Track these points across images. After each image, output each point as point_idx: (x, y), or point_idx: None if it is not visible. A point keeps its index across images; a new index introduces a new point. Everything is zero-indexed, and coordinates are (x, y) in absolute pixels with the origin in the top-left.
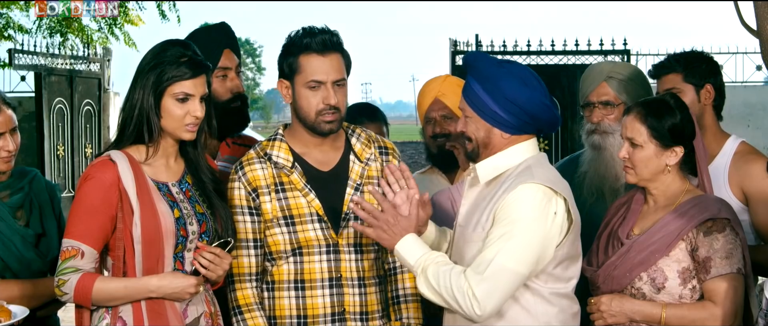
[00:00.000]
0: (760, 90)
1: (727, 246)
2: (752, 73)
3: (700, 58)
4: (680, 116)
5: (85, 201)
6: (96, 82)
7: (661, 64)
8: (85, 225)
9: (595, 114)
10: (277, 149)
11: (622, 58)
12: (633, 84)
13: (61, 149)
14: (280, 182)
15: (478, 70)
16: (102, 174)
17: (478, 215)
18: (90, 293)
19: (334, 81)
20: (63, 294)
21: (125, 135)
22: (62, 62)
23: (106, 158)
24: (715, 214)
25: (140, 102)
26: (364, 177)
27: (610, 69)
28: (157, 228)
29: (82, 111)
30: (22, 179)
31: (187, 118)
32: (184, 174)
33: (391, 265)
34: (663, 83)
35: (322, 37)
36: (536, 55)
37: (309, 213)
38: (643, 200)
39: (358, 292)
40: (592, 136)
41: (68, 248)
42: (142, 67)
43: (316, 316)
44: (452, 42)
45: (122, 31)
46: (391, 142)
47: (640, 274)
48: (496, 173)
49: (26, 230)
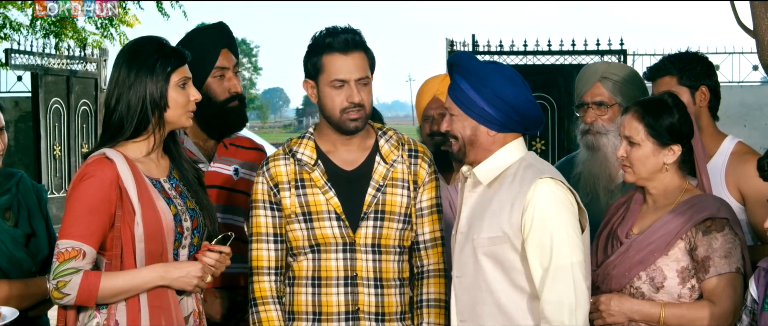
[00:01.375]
0: (757, 90)
1: (726, 245)
2: (749, 73)
3: (694, 59)
4: (678, 115)
5: (84, 200)
6: (92, 82)
7: (656, 66)
8: (86, 225)
9: (589, 114)
10: (303, 147)
11: (618, 59)
12: (628, 85)
13: (57, 149)
14: (301, 178)
15: (464, 68)
16: (102, 172)
17: (487, 220)
18: (96, 291)
19: (357, 79)
20: (64, 295)
21: (120, 133)
22: (59, 62)
23: (102, 156)
24: (713, 213)
25: (143, 96)
26: (387, 178)
27: (605, 70)
28: (159, 226)
29: (78, 111)
30: (9, 181)
31: (189, 104)
32: (170, 170)
33: (419, 268)
34: (658, 85)
35: (345, 36)
36: (533, 55)
37: (327, 211)
38: (642, 200)
39: (373, 292)
40: (586, 136)
41: (68, 249)
42: (131, 64)
43: (330, 313)
44: (449, 42)
45: (118, 32)
46: (423, 146)
47: (638, 273)
48: (497, 173)
49: (15, 231)
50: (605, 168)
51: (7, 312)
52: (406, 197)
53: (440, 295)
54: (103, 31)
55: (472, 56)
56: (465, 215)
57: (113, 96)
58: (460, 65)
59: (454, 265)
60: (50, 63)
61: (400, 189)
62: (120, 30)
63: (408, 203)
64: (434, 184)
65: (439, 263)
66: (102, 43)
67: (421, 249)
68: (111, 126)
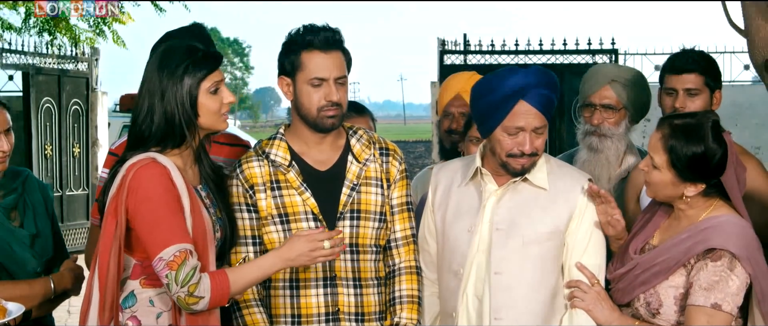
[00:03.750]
0: (748, 89)
1: (712, 278)
2: (740, 73)
3: (713, 61)
4: (706, 149)
5: (162, 204)
6: (84, 81)
7: (683, 60)
8: (175, 226)
9: (596, 116)
10: (275, 148)
11: (610, 58)
12: (635, 88)
13: (48, 148)
14: (276, 180)
15: (555, 84)
16: (161, 176)
17: (537, 216)
18: (228, 286)
19: (336, 78)
20: (198, 299)
21: (157, 142)
22: (50, 62)
23: (151, 160)
24: (719, 245)
25: (176, 105)
26: (361, 178)
27: (616, 73)
28: (204, 232)
29: (70, 110)
30: (15, 180)
31: (223, 107)
32: (201, 178)
33: (391, 267)
34: (681, 80)
35: (325, 34)
36: (524, 55)
37: (303, 212)
38: (668, 212)
39: (353, 292)
40: (590, 137)
41: (176, 253)
42: (162, 72)
43: (310, 315)
44: (440, 41)
45: (110, 30)
46: (393, 143)
47: (639, 295)
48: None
49: (21, 231)
50: (606, 170)
51: (13, 308)
52: (381, 196)
53: (414, 291)
54: (96, 29)
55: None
56: (502, 214)
57: (145, 104)
58: (553, 81)
59: (492, 262)
60: (42, 62)
61: (375, 188)
62: (112, 27)
63: (383, 201)
64: (405, 182)
65: (411, 260)
66: (95, 41)
67: (393, 247)
68: (146, 135)
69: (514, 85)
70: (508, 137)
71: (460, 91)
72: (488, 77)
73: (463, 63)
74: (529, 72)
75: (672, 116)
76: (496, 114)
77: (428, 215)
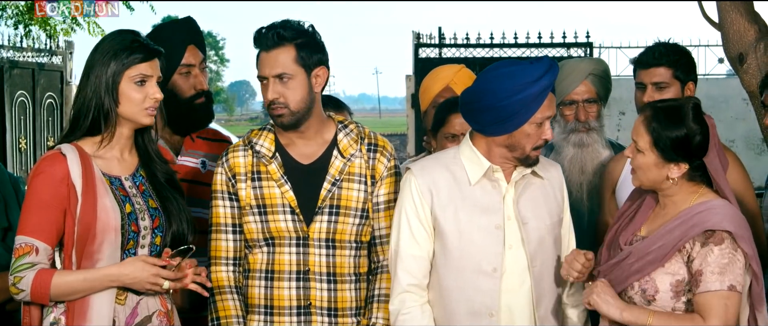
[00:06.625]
0: (722, 83)
1: (722, 261)
2: (714, 66)
3: (684, 53)
4: (691, 128)
5: (35, 196)
6: (58, 75)
7: (651, 54)
8: (36, 221)
9: (581, 112)
10: (262, 139)
11: (585, 51)
12: (606, 79)
13: (23, 142)
14: (257, 170)
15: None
16: (52, 168)
17: (544, 207)
18: (49, 288)
19: (276, 75)
20: (19, 291)
21: (78, 127)
22: (25, 55)
23: (56, 152)
24: (715, 225)
25: (97, 89)
26: (344, 173)
27: (593, 67)
28: (90, 225)
29: (44, 104)
30: None
31: (146, 101)
32: (137, 167)
33: (376, 263)
34: (649, 74)
35: (269, 33)
36: (499, 48)
37: (281, 204)
38: (654, 203)
39: (326, 287)
40: (577, 134)
41: (22, 245)
42: (95, 56)
43: (282, 307)
44: (415, 35)
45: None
46: (385, 140)
47: (632, 283)
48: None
49: None
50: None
51: None
52: (363, 192)
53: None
54: (72, 19)
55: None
56: (524, 206)
57: (78, 90)
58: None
59: (528, 256)
60: (16, 56)
61: (357, 184)
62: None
63: (365, 197)
64: (393, 179)
65: None
66: (70, 34)
67: (377, 244)
68: (71, 120)
69: (549, 79)
70: (536, 129)
71: (450, 83)
72: (510, 73)
73: (439, 56)
74: (547, 63)
75: (654, 102)
76: (528, 109)
77: (423, 218)
